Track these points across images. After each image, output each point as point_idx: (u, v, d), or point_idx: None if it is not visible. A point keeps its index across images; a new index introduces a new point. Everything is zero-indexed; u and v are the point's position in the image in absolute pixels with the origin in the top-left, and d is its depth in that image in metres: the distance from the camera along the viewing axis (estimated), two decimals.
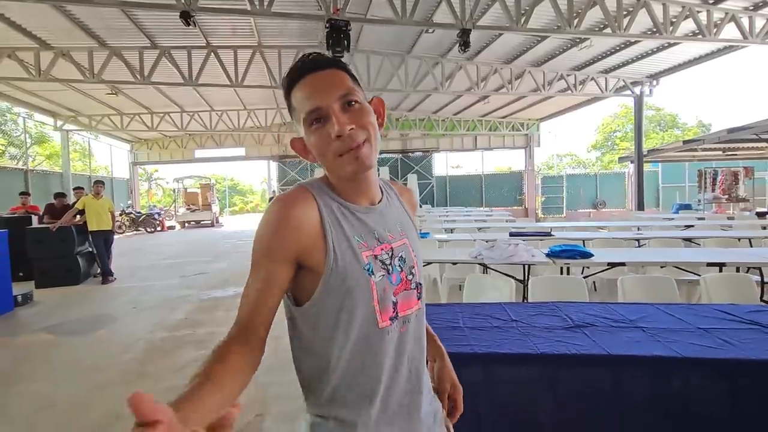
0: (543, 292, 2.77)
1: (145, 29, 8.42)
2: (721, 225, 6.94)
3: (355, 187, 0.83)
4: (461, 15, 6.88)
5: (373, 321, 0.77)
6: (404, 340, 0.82)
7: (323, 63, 0.79)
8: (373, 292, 0.77)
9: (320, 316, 0.77)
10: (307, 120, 0.78)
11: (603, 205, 19.64)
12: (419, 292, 0.86)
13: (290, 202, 0.76)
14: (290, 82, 0.80)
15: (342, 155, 0.77)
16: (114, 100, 12.92)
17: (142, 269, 8.27)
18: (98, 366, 3.55)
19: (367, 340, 0.78)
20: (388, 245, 0.83)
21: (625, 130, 29.86)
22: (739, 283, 2.90)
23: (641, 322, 1.88)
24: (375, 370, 0.78)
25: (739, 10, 7.65)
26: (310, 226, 0.76)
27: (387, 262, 0.81)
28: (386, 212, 0.87)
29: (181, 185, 21.77)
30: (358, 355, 0.77)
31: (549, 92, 11.88)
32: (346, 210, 0.81)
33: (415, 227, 0.94)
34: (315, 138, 0.78)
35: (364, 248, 0.79)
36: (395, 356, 0.80)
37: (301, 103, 0.78)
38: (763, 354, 1.51)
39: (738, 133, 10.30)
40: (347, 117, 0.76)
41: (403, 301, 0.82)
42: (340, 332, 0.77)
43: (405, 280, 0.83)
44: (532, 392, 1.55)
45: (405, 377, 0.82)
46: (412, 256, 0.86)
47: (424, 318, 0.88)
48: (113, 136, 18.27)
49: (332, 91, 0.77)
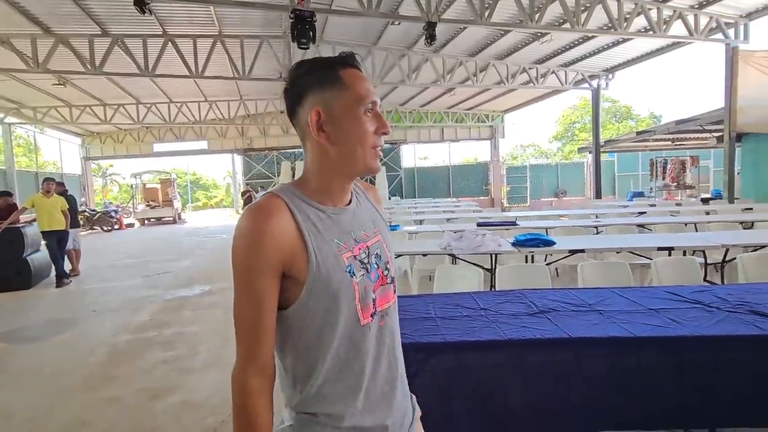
0: (509, 280, 2.89)
1: (94, 16, 7.92)
2: (670, 211, 7.43)
3: (340, 188, 0.84)
4: (427, 8, 6.92)
5: (355, 319, 0.80)
6: (383, 332, 0.85)
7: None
8: (356, 292, 0.79)
9: (306, 320, 0.79)
10: (365, 106, 0.80)
11: (564, 193, 20.47)
12: (394, 285, 0.90)
13: (263, 213, 0.75)
14: (346, 61, 0.83)
15: (375, 148, 0.82)
16: (62, 91, 12.11)
17: (100, 270, 7.89)
18: (59, 372, 3.40)
19: (351, 337, 0.80)
20: (364, 244, 0.84)
21: (584, 121, 31.12)
22: (686, 265, 3.15)
23: (599, 305, 2.01)
24: (359, 365, 0.81)
25: (685, 8, 8.12)
26: (288, 235, 0.75)
27: (365, 261, 0.83)
28: (358, 211, 0.88)
29: (140, 181, 20.80)
30: (343, 352, 0.80)
31: (512, 85, 12.19)
32: (322, 213, 0.81)
33: (385, 222, 0.96)
34: (364, 125, 0.80)
35: (344, 250, 0.80)
36: (376, 349, 0.83)
37: (364, 89, 0.81)
38: (704, 330, 1.67)
39: (685, 124, 11.02)
40: None
41: (381, 296, 0.85)
42: (325, 333, 0.78)
43: (382, 276, 0.86)
44: (501, 376, 1.63)
45: (385, 366, 0.85)
46: (386, 251, 0.89)
47: (397, 311, 0.92)
48: (62, 130, 17.14)
49: (379, 99, 0.85)
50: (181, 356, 3.62)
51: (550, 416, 1.65)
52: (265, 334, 0.76)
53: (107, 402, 2.87)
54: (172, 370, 3.34)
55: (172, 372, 3.31)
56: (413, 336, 1.71)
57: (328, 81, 0.80)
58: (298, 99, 0.82)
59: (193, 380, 3.15)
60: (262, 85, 13.74)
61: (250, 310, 0.75)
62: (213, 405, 2.76)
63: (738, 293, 2.10)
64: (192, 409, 2.73)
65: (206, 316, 4.77)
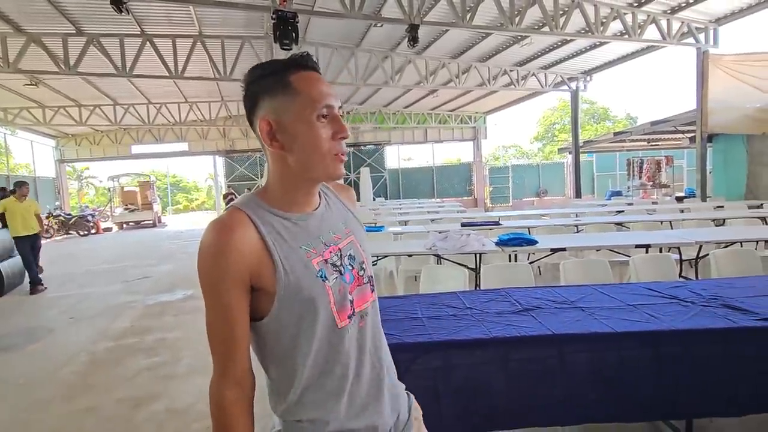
0: (494, 279, 2.93)
1: (68, 14, 7.69)
2: (646, 209, 7.65)
3: (305, 193, 0.83)
4: (409, 10, 6.97)
5: (332, 323, 0.79)
6: (364, 333, 0.84)
7: (321, 73, 0.83)
8: (330, 296, 0.79)
9: (280, 329, 0.78)
10: (317, 111, 0.76)
11: (545, 193, 20.84)
12: (372, 285, 0.89)
13: (225, 227, 0.74)
14: (297, 64, 0.79)
15: (335, 155, 0.79)
16: (34, 91, 11.71)
17: (77, 276, 7.66)
18: (35, 383, 3.28)
19: (329, 341, 0.79)
20: (336, 247, 0.84)
21: (564, 122, 31.77)
22: (662, 262, 3.25)
23: (580, 302, 2.06)
24: (340, 368, 0.80)
25: (658, 13, 8.39)
26: (251, 247, 0.74)
27: (338, 263, 0.82)
28: (327, 214, 0.87)
29: (117, 183, 20.25)
30: (322, 356, 0.79)
31: (494, 87, 12.37)
32: (287, 221, 0.80)
33: (359, 222, 0.94)
34: (317, 131, 0.77)
35: (314, 255, 0.79)
36: (357, 351, 0.82)
37: (316, 93, 0.77)
38: (680, 324, 1.73)
39: (660, 125, 11.36)
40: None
41: (358, 296, 0.84)
42: (302, 340, 0.78)
43: (357, 276, 0.85)
44: (487, 373, 1.66)
45: (369, 368, 0.84)
46: (361, 252, 0.88)
47: (378, 307, 0.91)
48: (35, 131, 16.55)
49: (337, 98, 0.81)
50: (163, 362, 3.54)
51: (535, 411, 1.68)
52: (237, 346, 0.77)
53: (85, 412, 2.79)
54: (154, 377, 3.27)
55: (154, 379, 3.24)
56: (400, 336, 1.72)
57: (278, 87, 0.77)
58: (252, 107, 0.81)
59: (177, 387, 3.09)
60: None
61: (220, 324, 0.76)
62: (198, 411, 2.71)
63: (711, 288, 2.19)
64: (176, 416, 2.68)
65: (189, 321, 4.68)
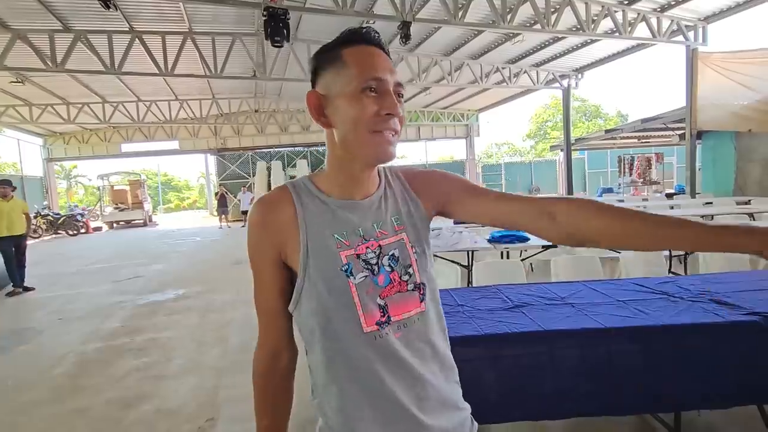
0: (486, 275, 2.95)
1: (54, 10, 7.55)
2: (637, 206, 7.73)
3: (352, 177, 0.77)
4: (401, 7, 6.95)
5: (355, 325, 0.72)
6: (400, 346, 0.74)
7: (384, 46, 0.77)
8: (354, 296, 0.72)
9: (300, 320, 0.76)
10: (363, 84, 0.71)
11: (538, 190, 20.97)
12: (422, 293, 0.78)
13: (266, 202, 0.76)
14: (353, 37, 0.75)
15: (378, 132, 0.72)
16: (21, 89, 11.49)
17: (66, 276, 7.56)
18: (23, 385, 3.23)
19: (351, 346, 0.72)
20: (376, 243, 0.76)
21: (556, 120, 31.96)
22: (652, 258, 3.28)
23: (571, 298, 2.07)
24: (364, 377, 0.73)
25: (648, 11, 8.46)
26: (283, 224, 0.74)
27: (372, 261, 0.75)
28: (379, 206, 0.79)
29: (107, 182, 20.01)
30: (344, 359, 0.73)
31: (486, 84, 12.39)
32: (325, 205, 0.76)
33: (425, 218, 0.83)
34: (362, 105, 0.71)
35: (344, 247, 0.74)
36: (390, 363, 0.73)
37: (365, 65, 0.72)
38: (669, 320, 1.74)
39: (650, 122, 11.48)
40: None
41: (397, 304, 0.75)
42: (317, 337, 0.74)
43: (398, 281, 0.76)
44: (478, 369, 1.66)
45: (408, 383, 0.74)
46: (410, 253, 0.78)
47: (434, 322, 0.79)
48: (22, 130, 16.28)
49: (394, 74, 0.75)
50: (154, 363, 3.50)
51: (525, 405, 1.69)
52: (272, 317, 0.78)
53: (75, 414, 2.75)
54: (145, 378, 3.23)
55: (145, 379, 3.21)
56: None
57: (331, 61, 0.74)
58: (312, 84, 0.78)
59: (168, 387, 3.06)
60: (235, 84, 13.47)
61: (260, 294, 0.78)
62: (189, 412, 2.69)
63: (699, 283, 2.21)
64: (167, 416, 2.66)
65: (181, 320, 4.64)
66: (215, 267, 7.87)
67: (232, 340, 3.94)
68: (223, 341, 3.92)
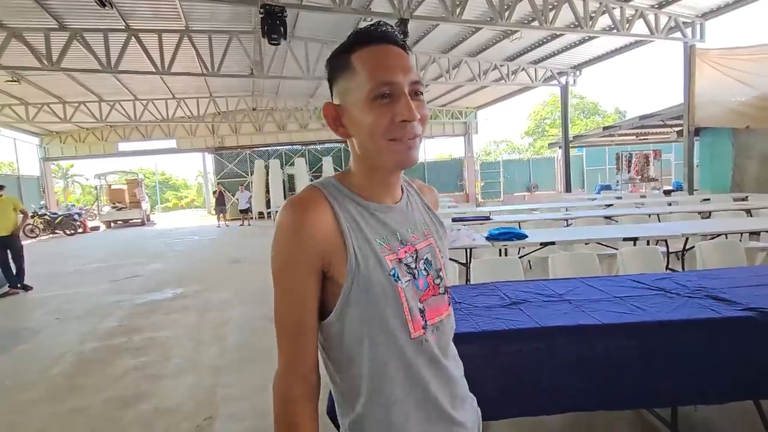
0: (484, 273, 2.94)
1: (50, 8, 7.50)
2: (635, 203, 7.74)
3: (381, 182, 0.76)
4: (398, 5, 6.93)
5: (405, 331, 0.71)
6: (438, 348, 0.75)
7: (398, 40, 0.71)
8: (402, 300, 0.71)
9: (345, 330, 0.71)
10: (374, 91, 0.67)
11: (536, 188, 20.99)
12: (449, 296, 0.81)
13: (301, 206, 0.69)
14: (362, 39, 0.70)
15: (395, 140, 0.69)
16: (16, 88, 11.43)
17: (64, 276, 7.54)
18: (21, 385, 3.23)
19: (399, 351, 0.71)
20: (412, 247, 0.76)
21: (554, 117, 31.96)
22: (649, 254, 3.29)
23: (568, 295, 2.08)
24: (410, 383, 0.72)
25: (646, 8, 8.45)
26: (326, 230, 0.69)
27: (412, 265, 0.74)
28: (408, 211, 0.79)
29: (104, 181, 19.95)
30: (391, 367, 0.71)
31: (484, 81, 12.37)
32: (365, 210, 0.73)
33: (442, 226, 0.86)
34: (375, 114, 0.68)
35: (387, 251, 0.72)
36: (432, 366, 0.74)
37: (375, 70, 0.68)
38: (665, 316, 1.75)
39: (648, 119, 11.50)
40: (415, 106, 0.69)
41: (432, 307, 0.76)
42: (366, 346, 0.70)
43: (432, 284, 0.77)
44: (475, 366, 1.64)
45: (443, 384, 0.76)
46: (439, 258, 0.80)
47: (454, 323, 0.83)
48: (18, 129, 16.20)
49: (408, 73, 0.69)
50: (152, 362, 3.50)
51: (523, 402, 1.69)
52: (306, 338, 0.70)
53: (73, 413, 2.75)
54: (142, 377, 3.23)
55: (142, 379, 3.21)
56: None
57: (342, 69, 0.71)
58: (330, 93, 0.75)
59: (166, 386, 3.06)
60: (232, 82, 13.42)
61: (290, 311, 0.70)
62: (187, 410, 2.69)
63: (696, 279, 2.21)
64: (164, 415, 2.66)
65: (179, 320, 4.63)
66: (213, 266, 7.86)
67: (230, 338, 3.94)
68: (222, 340, 3.92)
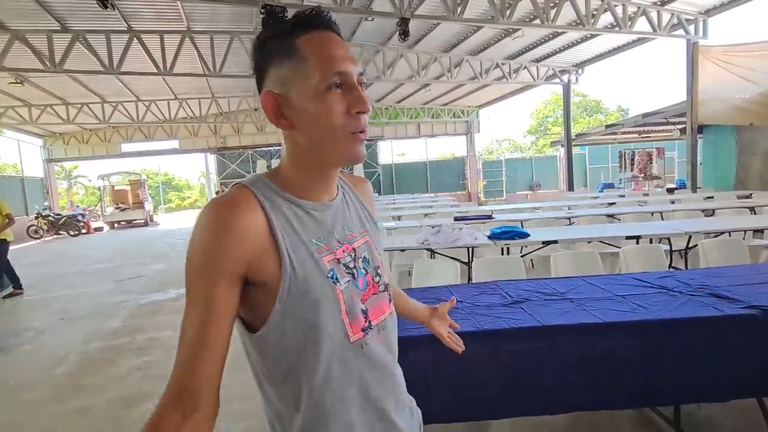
0: (486, 272, 2.94)
1: (52, 10, 7.54)
2: (638, 201, 7.70)
3: (321, 179, 0.71)
4: (400, 4, 6.92)
5: (343, 335, 0.67)
6: (381, 351, 0.72)
7: (340, 31, 0.68)
8: (341, 303, 0.67)
9: (282, 340, 0.65)
10: (328, 80, 0.63)
11: (538, 186, 20.93)
12: (389, 294, 0.77)
13: (228, 205, 0.63)
14: (307, 22, 0.65)
15: (349, 134, 0.66)
16: (20, 90, 11.49)
17: (68, 276, 7.58)
18: (25, 384, 3.25)
19: (340, 358, 0.67)
20: (350, 246, 0.72)
21: (556, 115, 31.86)
22: (652, 252, 3.27)
23: (570, 293, 2.07)
24: (353, 392, 0.68)
25: (648, 5, 8.41)
26: (256, 232, 0.63)
27: (351, 265, 0.71)
28: (344, 208, 0.76)
29: (107, 182, 20.04)
30: (332, 377, 0.66)
31: (486, 80, 12.36)
32: (299, 209, 0.69)
33: (375, 222, 0.83)
34: (328, 104, 0.64)
35: (325, 252, 0.68)
36: (376, 370, 0.71)
37: (327, 57, 0.64)
38: (667, 314, 1.74)
39: (651, 117, 11.44)
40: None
41: (373, 307, 0.72)
42: (307, 355, 0.65)
43: (372, 283, 0.73)
44: (477, 365, 1.66)
45: (389, 389, 0.73)
46: (376, 255, 0.77)
47: (396, 321, 0.79)
48: (21, 131, 16.29)
49: (357, 64, 0.66)
50: (156, 362, 3.52)
51: (524, 400, 1.69)
52: (205, 352, 0.61)
53: (77, 413, 2.77)
54: (146, 377, 3.25)
55: (146, 378, 3.22)
56: None
57: (283, 53, 0.65)
58: (260, 79, 0.69)
59: None
60: (234, 82, 13.44)
61: (195, 320, 0.61)
62: None
63: (699, 277, 2.21)
64: None
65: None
66: None
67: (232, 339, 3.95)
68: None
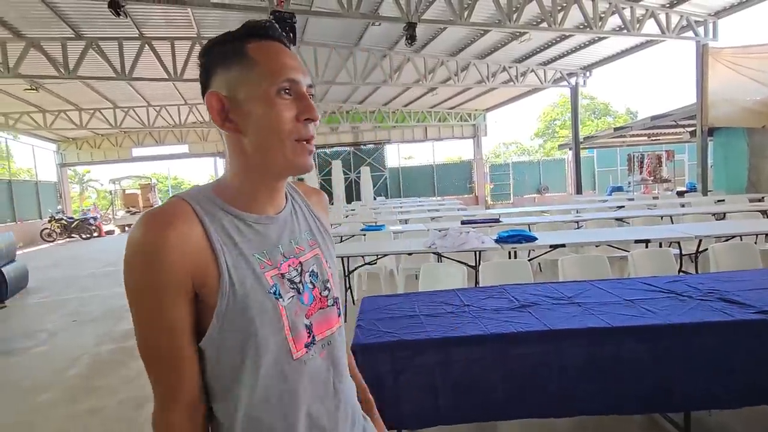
0: (493, 276, 2.94)
1: (67, 19, 7.71)
2: (647, 204, 7.64)
3: (267, 188, 0.70)
4: (407, 8, 6.96)
5: (285, 352, 0.65)
6: (326, 367, 0.71)
7: (290, 46, 0.70)
8: (284, 319, 0.65)
9: (220, 357, 0.64)
10: (277, 85, 0.64)
11: (546, 190, 20.80)
12: (338, 308, 0.76)
13: (162, 221, 0.60)
14: (257, 32, 0.67)
15: (297, 141, 0.66)
16: (35, 96, 11.75)
17: (80, 279, 7.69)
18: (39, 385, 3.31)
19: (281, 376, 0.65)
20: (296, 260, 0.70)
21: (564, 118, 31.68)
22: (661, 256, 3.25)
23: (578, 298, 2.07)
24: (294, 411, 0.66)
25: (657, 7, 8.36)
26: (193, 249, 0.61)
27: (296, 280, 0.69)
28: (291, 220, 0.74)
29: (119, 186, 20.35)
30: (272, 394, 0.65)
31: (493, 84, 12.34)
32: (242, 223, 0.67)
33: (328, 233, 0.81)
34: (277, 110, 0.64)
35: (268, 267, 0.66)
36: (318, 389, 0.69)
37: (277, 64, 0.65)
38: (676, 319, 1.73)
39: (660, 120, 11.34)
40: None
41: (319, 322, 0.71)
42: (246, 372, 0.63)
43: (319, 297, 0.72)
44: (484, 369, 1.67)
45: (331, 408, 0.71)
46: (326, 268, 0.75)
47: (344, 335, 0.77)
48: (36, 136, 16.61)
49: (306, 75, 0.68)
50: None
51: (531, 404, 1.70)
52: (185, 364, 0.63)
53: (89, 414, 2.82)
54: None
55: None
56: (399, 334, 1.73)
57: (233, 57, 0.65)
58: (206, 81, 0.68)
59: None
60: None
61: (160, 339, 0.61)
62: None
63: (708, 282, 2.19)
64: None
65: None
66: None
67: None
68: None
